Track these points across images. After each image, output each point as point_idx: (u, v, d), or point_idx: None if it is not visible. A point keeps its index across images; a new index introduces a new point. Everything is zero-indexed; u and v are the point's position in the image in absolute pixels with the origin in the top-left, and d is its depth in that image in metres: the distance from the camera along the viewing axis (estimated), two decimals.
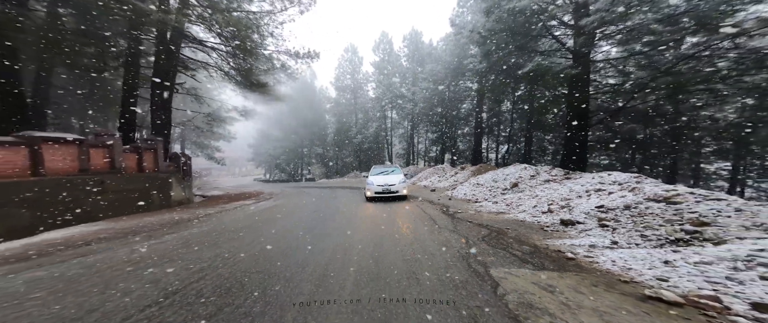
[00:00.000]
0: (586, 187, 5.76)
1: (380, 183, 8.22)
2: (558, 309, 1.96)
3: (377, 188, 8.12)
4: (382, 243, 3.82)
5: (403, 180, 8.56)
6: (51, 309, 2.10)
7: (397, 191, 8.13)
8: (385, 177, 8.76)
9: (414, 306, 2.03)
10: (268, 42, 13.55)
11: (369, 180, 8.63)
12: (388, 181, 8.33)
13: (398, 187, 8.19)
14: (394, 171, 9.52)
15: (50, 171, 5.58)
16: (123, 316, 1.99)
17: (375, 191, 8.12)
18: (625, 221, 3.90)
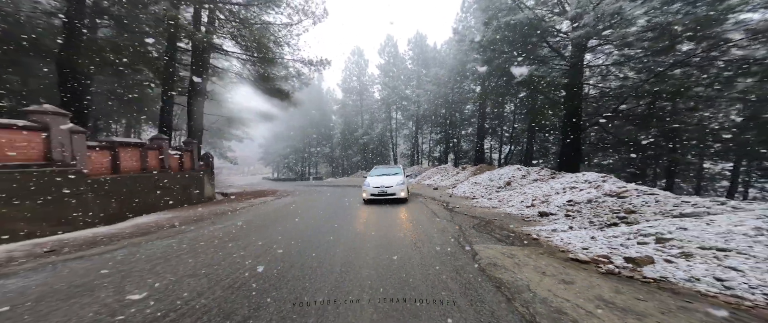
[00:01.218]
0: (563, 185, 6.77)
1: (377, 184, 7.71)
2: (511, 265, 3.06)
3: (373, 189, 7.63)
4: (392, 227, 4.97)
5: (402, 182, 7.90)
6: (195, 261, 3.32)
7: (394, 194, 7.55)
8: (383, 178, 8.16)
9: (418, 265, 3.13)
10: (285, 51, 14.86)
11: (366, 182, 8.10)
12: (386, 182, 7.76)
13: (396, 189, 7.60)
14: (395, 173, 8.88)
15: (123, 170, 6.94)
16: (240, 264, 3.20)
17: (371, 193, 7.62)
18: (585, 212, 4.94)
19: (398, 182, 7.84)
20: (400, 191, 7.68)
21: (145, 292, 2.42)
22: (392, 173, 8.77)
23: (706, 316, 1.89)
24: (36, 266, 3.23)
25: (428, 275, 2.74)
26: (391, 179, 8.11)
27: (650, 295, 2.19)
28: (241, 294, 2.36)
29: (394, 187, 7.65)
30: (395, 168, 9.38)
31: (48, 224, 4.71)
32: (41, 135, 4.96)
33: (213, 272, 2.92)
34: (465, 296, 2.26)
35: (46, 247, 3.88)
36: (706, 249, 2.56)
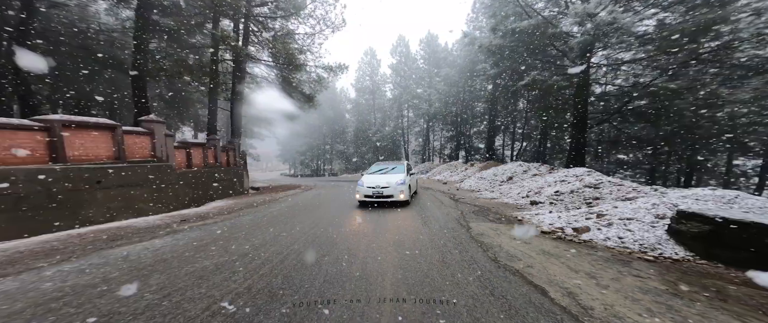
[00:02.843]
0: (556, 179, 7.78)
1: (371, 184, 6.46)
2: (493, 235, 4.32)
3: (367, 190, 6.37)
4: (406, 212, 6.35)
5: (403, 181, 6.52)
6: (275, 229, 4.89)
7: (391, 196, 6.20)
8: (381, 177, 6.86)
9: (427, 237, 4.47)
10: (308, 58, 16.49)
11: (360, 180, 6.89)
12: (383, 181, 6.47)
13: (394, 190, 6.23)
14: (395, 169, 7.48)
15: (194, 165, 8.82)
16: (300, 230, 4.72)
17: (364, 194, 6.38)
18: (566, 200, 6.03)
19: (398, 182, 6.43)
20: (400, 193, 6.24)
21: (257, 242, 3.97)
22: (393, 171, 7.33)
23: (598, 257, 3.10)
24: (185, 228, 4.92)
25: (434, 238, 4.09)
26: (391, 177, 6.72)
27: (574, 247, 3.41)
28: (316, 244, 3.84)
29: (391, 187, 6.23)
30: (398, 165, 7.82)
31: (161, 205, 6.55)
32: (150, 139, 6.80)
33: (291, 234, 4.45)
34: (457, 248, 3.57)
35: (177, 219, 5.65)
36: (621, 219, 3.70)
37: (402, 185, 6.49)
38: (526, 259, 3.08)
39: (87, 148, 5.24)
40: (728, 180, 15.97)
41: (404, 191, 6.44)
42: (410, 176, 7.40)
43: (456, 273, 2.67)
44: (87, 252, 3.41)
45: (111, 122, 5.83)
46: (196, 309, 2.04)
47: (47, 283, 2.51)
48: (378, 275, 2.65)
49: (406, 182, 6.61)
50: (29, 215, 4.14)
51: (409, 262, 3.04)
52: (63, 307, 2.08)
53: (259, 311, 2.02)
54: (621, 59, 11.50)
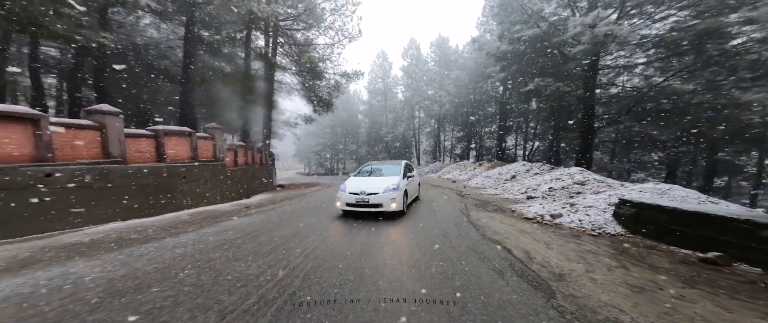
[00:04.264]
0: (553, 177, 8.67)
1: (355, 189, 5.15)
2: (487, 220, 5.46)
3: (349, 197, 5.10)
4: (419, 204, 7.58)
5: (396, 186, 5.16)
6: (314, 214, 6.34)
7: (379, 205, 4.88)
8: (369, 180, 5.53)
9: (434, 222, 5.68)
10: (328, 66, 18.09)
11: (343, 185, 5.54)
12: (369, 187, 5.11)
13: (383, 198, 4.90)
14: (389, 170, 6.08)
15: (238, 164, 10.58)
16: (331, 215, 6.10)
17: (346, 202, 5.13)
18: (556, 195, 6.99)
19: (389, 187, 5.06)
20: (390, 202, 4.87)
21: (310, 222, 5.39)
22: (386, 172, 5.95)
23: (559, 234, 4.18)
24: (252, 213, 6.47)
25: (439, 222, 5.32)
26: (381, 180, 5.38)
27: (545, 228, 4.51)
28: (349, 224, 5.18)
29: (380, 194, 4.87)
30: (393, 165, 6.32)
31: (220, 196, 8.26)
32: (212, 143, 8.53)
33: (329, 216, 5.85)
34: (457, 229, 4.76)
35: (240, 207, 7.28)
36: (585, 207, 4.73)
37: (394, 191, 4.97)
38: (505, 234, 4.23)
39: (176, 150, 6.97)
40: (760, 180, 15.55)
41: (396, 199, 4.90)
42: (408, 180, 5.81)
43: (453, 241, 3.89)
44: (206, 225, 4.94)
45: (189, 129, 7.56)
46: (299, 254, 3.42)
47: (210, 237, 4.02)
48: (397, 238, 3.94)
49: (400, 188, 5.13)
50: (151, 201, 5.84)
51: (421, 233, 4.31)
52: (230, 248, 3.53)
53: (334, 251, 3.40)
54: (632, 62, 11.87)
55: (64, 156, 4.49)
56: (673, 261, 2.85)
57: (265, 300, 2.05)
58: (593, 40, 9.48)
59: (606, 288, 2.32)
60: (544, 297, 2.19)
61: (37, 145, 4.11)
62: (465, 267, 2.84)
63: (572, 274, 2.63)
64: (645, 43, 10.49)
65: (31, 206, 3.96)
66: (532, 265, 2.91)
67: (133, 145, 5.81)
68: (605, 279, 2.48)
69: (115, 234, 4.10)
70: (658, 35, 10.24)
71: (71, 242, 3.67)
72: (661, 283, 2.36)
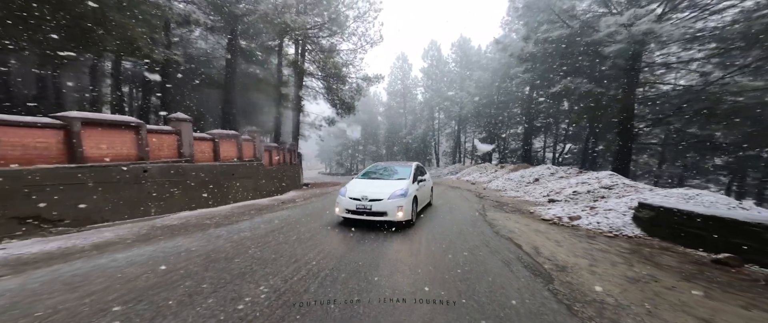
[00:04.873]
0: (578, 181, 8.42)
1: (356, 195, 4.53)
2: (503, 220, 5.68)
3: (349, 202, 4.52)
4: (438, 204, 7.95)
5: (403, 192, 4.50)
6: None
7: (383, 213, 4.27)
8: (372, 184, 4.91)
9: (453, 220, 6.05)
10: (351, 71, 19.11)
11: (343, 188, 4.97)
12: (372, 192, 4.48)
13: (388, 205, 4.28)
14: (396, 173, 5.40)
15: (273, 163, 11.84)
16: None
17: (346, 208, 4.56)
18: (580, 198, 6.87)
19: (396, 192, 4.43)
20: (396, 210, 4.26)
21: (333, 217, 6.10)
22: (392, 175, 5.31)
23: (573, 233, 4.31)
24: (289, 206, 7.41)
25: (456, 219, 5.69)
26: (387, 184, 4.76)
27: (560, 229, 4.64)
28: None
29: (385, 201, 4.28)
30: (403, 168, 5.60)
31: (258, 192, 9.45)
32: (253, 144, 9.79)
33: None
34: (473, 227, 5.09)
35: (277, 201, 8.34)
36: (605, 210, 4.73)
37: (401, 197, 4.32)
38: (518, 232, 4.48)
39: (227, 151, 8.23)
40: None
41: (404, 207, 4.24)
42: (419, 184, 5.15)
43: (467, 236, 4.27)
44: (255, 216, 5.85)
45: (236, 133, 8.83)
46: (337, 238, 4.08)
47: (261, 225, 4.90)
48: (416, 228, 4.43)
49: (408, 194, 4.47)
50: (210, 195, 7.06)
51: (439, 225, 4.76)
52: (279, 234, 4.29)
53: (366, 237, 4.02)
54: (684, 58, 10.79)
55: (154, 156, 5.74)
56: (683, 261, 2.94)
57: (312, 273, 2.68)
58: (631, 40, 8.96)
59: (603, 278, 2.56)
60: (543, 282, 2.51)
61: (138, 147, 5.37)
62: (476, 258, 3.23)
63: (575, 267, 2.88)
64: (700, 36, 9.52)
65: (136, 195, 5.19)
66: (539, 258, 3.19)
67: (198, 147, 7.06)
68: (605, 272, 2.71)
69: (193, 220, 5.15)
70: (717, 28, 9.27)
71: (166, 224, 4.74)
72: (658, 277, 2.54)
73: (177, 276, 2.52)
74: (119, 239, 3.71)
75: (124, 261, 2.85)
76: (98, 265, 2.76)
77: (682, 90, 11.70)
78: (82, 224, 4.26)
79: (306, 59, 18.04)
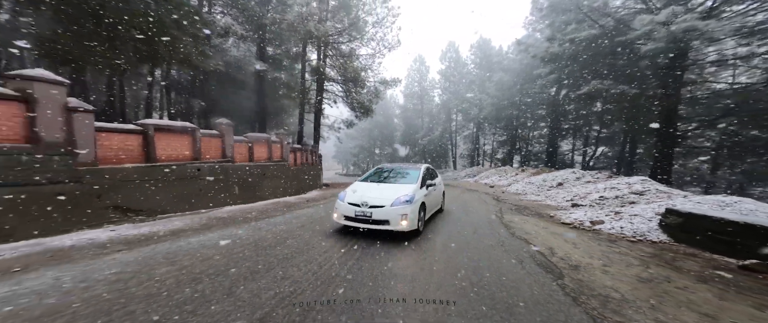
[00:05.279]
0: (606, 186, 8.08)
1: (356, 200, 4.08)
2: (521, 223, 5.72)
3: (348, 208, 4.07)
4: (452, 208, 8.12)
5: (409, 198, 4.01)
6: None
7: (385, 221, 3.83)
8: (375, 188, 4.47)
9: (469, 222, 6.23)
10: (369, 75, 19.74)
11: (342, 192, 4.51)
12: (374, 198, 4.02)
13: (390, 212, 3.84)
14: (403, 177, 4.92)
15: (297, 163, 12.72)
16: None
17: (344, 215, 4.11)
18: (607, 203, 6.65)
19: (400, 198, 4.00)
20: (400, 218, 3.84)
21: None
22: (399, 179, 4.86)
23: (592, 237, 4.28)
24: (314, 204, 8.10)
25: (473, 223, 5.87)
26: (392, 190, 4.28)
27: (580, 232, 4.63)
28: None
29: (387, 208, 3.87)
30: (411, 170, 5.11)
31: (281, 191, 10.27)
32: (280, 146, 10.67)
33: None
34: (489, 227, 5.25)
35: (303, 199, 9.05)
36: (630, 215, 4.63)
37: (406, 204, 3.90)
38: (534, 234, 4.56)
39: (259, 152, 9.12)
40: None
41: (408, 215, 3.82)
42: (428, 189, 4.70)
43: (482, 236, 4.46)
44: (286, 212, 6.44)
45: (267, 135, 9.72)
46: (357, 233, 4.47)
47: (293, 220, 5.50)
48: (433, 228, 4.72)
49: (414, 200, 4.03)
50: (247, 192, 7.92)
51: (456, 225, 5.00)
52: (310, 228, 4.80)
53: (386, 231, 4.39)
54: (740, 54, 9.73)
55: (204, 157, 6.65)
56: (706, 266, 2.90)
57: (341, 261, 3.08)
58: (670, 38, 8.36)
59: (614, 277, 2.64)
60: (553, 278, 2.66)
61: (193, 149, 6.28)
62: (489, 255, 3.44)
63: (588, 267, 2.97)
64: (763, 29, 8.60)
65: (191, 191, 6.08)
66: (552, 258, 3.30)
67: (237, 148, 7.96)
68: (617, 272, 2.79)
69: (237, 214, 5.89)
70: None
71: (217, 216, 5.50)
72: (672, 279, 2.56)
73: (238, 257, 3.08)
74: (187, 227, 4.45)
75: (196, 245, 3.50)
76: (180, 246, 3.43)
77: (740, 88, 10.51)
78: (155, 215, 5.14)
79: (327, 64, 19.01)
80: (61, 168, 3.89)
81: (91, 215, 4.23)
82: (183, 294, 2.12)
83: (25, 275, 2.41)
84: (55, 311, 1.82)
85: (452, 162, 35.28)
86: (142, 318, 1.77)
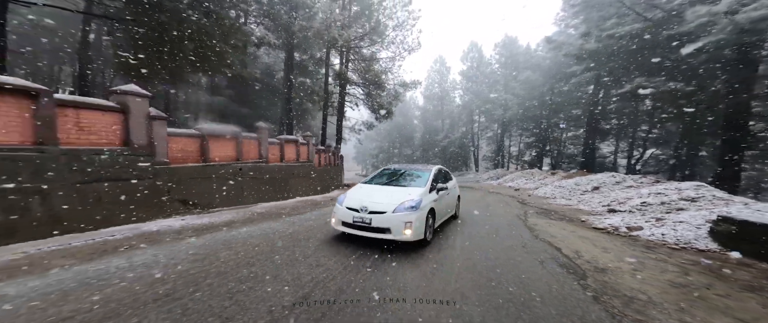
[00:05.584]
0: (651, 191, 7.34)
1: (355, 204, 3.66)
2: (546, 226, 5.47)
3: (346, 213, 3.66)
4: (475, 211, 8.03)
5: (415, 204, 3.53)
6: None
7: (386, 229, 3.40)
8: (378, 192, 4.01)
9: (490, 225, 6.15)
10: (389, 78, 20.12)
11: (341, 196, 4.08)
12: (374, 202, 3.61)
13: (392, 219, 3.40)
14: (411, 180, 4.40)
15: (322, 164, 13.48)
16: None
17: (342, 220, 3.71)
18: (650, 209, 6.05)
19: (405, 204, 3.53)
20: (404, 226, 3.37)
21: None
22: (408, 183, 4.33)
23: (627, 243, 3.99)
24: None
25: (495, 225, 5.82)
26: (397, 194, 3.82)
27: (614, 237, 4.34)
28: None
29: (389, 215, 3.43)
30: (421, 172, 4.60)
31: (308, 190, 10.98)
32: (306, 147, 11.45)
33: None
34: (510, 229, 5.19)
35: (328, 198, 9.66)
36: (674, 222, 4.24)
37: (411, 210, 3.46)
38: (561, 237, 4.37)
39: (289, 153, 9.94)
40: None
41: (413, 223, 3.38)
42: (439, 193, 4.20)
43: (503, 238, 4.39)
44: (315, 209, 6.86)
45: (295, 137, 10.53)
46: None
47: (321, 216, 5.93)
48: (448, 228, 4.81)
49: (421, 206, 3.57)
50: (278, 190, 8.70)
51: (474, 227, 5.03)
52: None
53: None
54: None
55: (245, 157, 7.51)
56: (759, 277, 2.60)
57: (366, 254, 3.33)
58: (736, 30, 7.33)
59: (643, 281, 2.51)
60: (575, 278, 2.61)
61: (236, 150, 7.16)
62: (508, 256, 3.43)
63: (616, 270, 2.84)
64: None
65: (234, 188, 6.91)
66: (577, 260, 3.20)
67: (270, 150, 8.80)
68: (648, 276, 2.63)
69: (272, 209, 6.52)
70: None
71: (256, 211, 6.14)
72: (714, 286, 2.37)
73: (279, 246, 3.53)
74: (235, 219, 5.12)
75: (245, 235, 4.06)
76: (233, 235, 4.00)
77: None
78: (208, 208, 5.98)
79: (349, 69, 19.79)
80: (145, 167, 4.75)
81: (165, 206, 5.10)
82: (241, 274, 2.57)
83: (132, 252, 3.09)
84: (161, 281, 2.35)
85: (474, 164, 34.15)
86: (219, 289, 2.22)
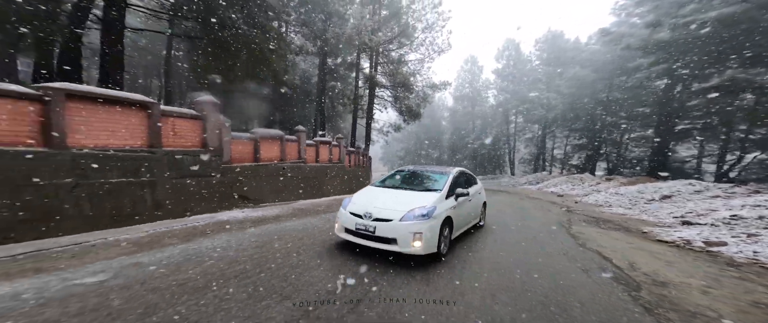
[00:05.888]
0: (748, 202, 5.95)
1: (359, 210, 3.27)
2: (594, 236, 4.79)
3: (349, 219, 3.28)
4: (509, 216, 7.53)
5: (427, 212, 3.03)
6: None
7: (391, 239, 2.96)
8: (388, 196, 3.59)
9: (528, 231, 5.57)
10: (418, 80, 20.09)
11: (346, 200, 3.70)
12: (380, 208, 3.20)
13: (399, 229, 2.94)
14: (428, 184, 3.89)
15: (352, 165, 14.12)
16: None
17: (345, 227, 3.34)
18: (740, 225, 4.97)
19: (416, 211, 3.07)
20: (413, 238, 2.92)
21: None
22: (422, 187, 3.84)
23: (702, 259, 3.33)
24: None
25: (533, 233, 5.39)
26: (407, 199, 3.36)
27: (683, 252, 3.66)
28: None
29: (396, 223, 3.00)
30: (438, 175, 4.06)
31: (340, 189, 11.61)
32: (338, 149, 12.16)
33: None
34: (551, 237, 4.68)
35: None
36: None
37: (422, 219, 3.02)
38: (612, 248, 3.83)
39: (323, 154, 10.73)
40: None
41: (424, 234, 2.94)
42: (458, 199, 3.66)
43: (541, 242, 4.06)
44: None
45: (329, 139, 11.31)
46: None
47: None
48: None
49: (435, 214, 3.11)
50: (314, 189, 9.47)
51: (506, 232, 4.80)
52: None
53: None
54: None
55: (287, 158, 8.41)
56: None
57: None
58: None
59: (714, 298, 2.13)
60: (626, 289, 2.32)
61: (281, 151, 8.08)
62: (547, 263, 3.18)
63: (680, 285, 2.44)
64: None
65: (278, 185, 7.79)
66: (631, 272, 2.82)
67: (307, 151, 9.65)
68: (723, 295, 2.21)
69: (309, 206, 7.05)
70: None
71: (297, 207, 6.70)
72: None
73: (321, 239, 3.92)
74: (282, 213, 5.78)
75: (290, 228, 4.55)
76: (282, 227, 4.49)
77: None
78: (259, 203, 6.87)
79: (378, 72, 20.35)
80: (216, 165, 5.72)
81: (228, 200, 6.05)
82: (292, 260, 2.96)
83: (214, 236, 3.79)
84: (236, 261, 2.87)
85: (510, 168, 31.68)
86: (278, 272, 2.62)
